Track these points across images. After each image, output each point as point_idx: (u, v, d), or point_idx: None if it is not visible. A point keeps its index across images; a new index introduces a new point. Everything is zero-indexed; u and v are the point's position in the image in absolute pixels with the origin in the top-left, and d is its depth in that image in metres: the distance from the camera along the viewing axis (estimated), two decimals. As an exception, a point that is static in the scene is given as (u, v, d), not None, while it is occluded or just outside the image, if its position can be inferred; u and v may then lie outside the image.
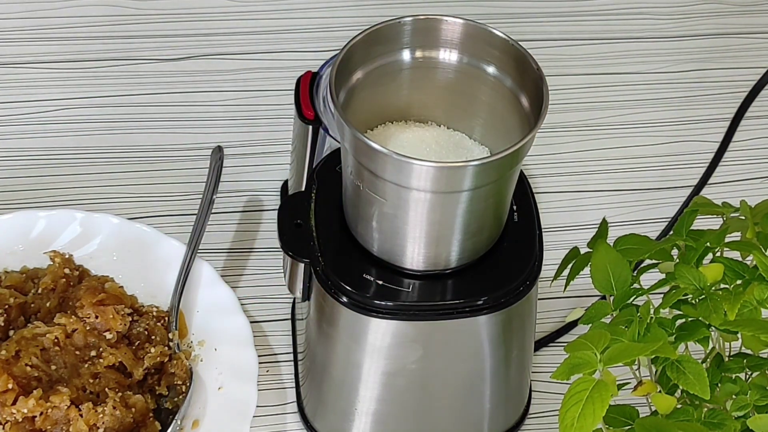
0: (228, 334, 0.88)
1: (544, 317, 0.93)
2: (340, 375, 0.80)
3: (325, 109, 0.88)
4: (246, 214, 0.99)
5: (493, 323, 0.76)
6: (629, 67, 1.13)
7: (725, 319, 0.67)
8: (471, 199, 0.69)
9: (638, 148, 1.06)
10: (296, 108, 0.88)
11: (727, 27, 1.18)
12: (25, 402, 0.79)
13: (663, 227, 1.00)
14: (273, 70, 1.10)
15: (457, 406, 0.82)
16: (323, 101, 0.88)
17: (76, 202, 0.98)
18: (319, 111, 0.88)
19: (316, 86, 0.89)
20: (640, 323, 0.67)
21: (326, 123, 0.87)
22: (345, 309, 0.75)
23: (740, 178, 1.05)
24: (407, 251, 0.73)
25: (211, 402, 0.85)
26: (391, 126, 0.77)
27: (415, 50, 0.74)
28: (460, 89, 0.75)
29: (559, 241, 0.97)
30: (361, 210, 0.73)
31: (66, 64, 1.08)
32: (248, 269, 0.95)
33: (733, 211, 0.74)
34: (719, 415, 0.67)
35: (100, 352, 0.84)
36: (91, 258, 0.91)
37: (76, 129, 1.04)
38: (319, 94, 0.89)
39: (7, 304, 0.85)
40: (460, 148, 0.76)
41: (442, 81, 0.75)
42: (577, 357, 0.64)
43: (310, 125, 0.87)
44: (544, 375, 0.90)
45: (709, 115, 1.10)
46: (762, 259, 0.68)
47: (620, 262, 0.72)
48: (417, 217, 0.70)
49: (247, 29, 1.13)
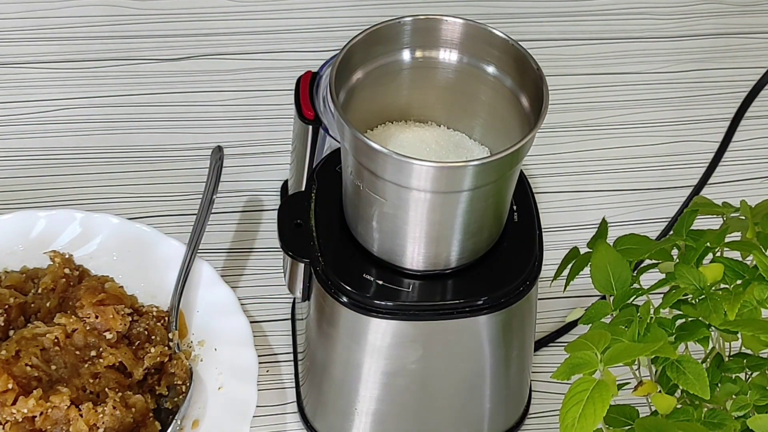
0: (228, 334, 0.88)
1: (544, 317, 0.93)
2: (340, 375, 0.80)
3: (325, 109, 0.88)
4: (246, 214, 0.99)
5: (493, 323, 0.76)
6: (629, 67, 1.13)
7: (725, 319, 0.67)
8: (471, 199, 0.69)
9: (638, 148, 1.06)
10: (296, 108, 0.88)
11: (727, 27, 1.18)
12: (25, 402, 0.79)
13: (663, 227, 1.00)
14: (273, 70, 1.10)
15: (458, 406, 0.82)
16: (323, 101, 0.88)
17: (76, 202, 0.98)
18: (319, 111, 0.87)
19: (316, 86, 0.89)
20: (640, 323, 0.67)
21: (326, 123, 0.87)
22: (345, 309, 0.75)
23: (740, 178, 1.05)
24: (407, 251, 0.73)
25: (211, 402, 0.85)
26: (391, 126, 0.77)
27: (415, 50, 0.74)
28: (460, 89, 0.75)
29: (559, 241, 0.97)
30: (361, 210, 0.73)
31: (66, 64, 1.08)
32: (248, 269, 0.95)
33: (733, 211, 0.74)
34: (719, 415, 0.67)
35: (100, 352, 0.84)
36: (91, 258, 0.91)
37: (76, 129, 1.04)
38: (319, 94, 0.88)
39: (7, 304, 0.85)
40: (460, 148, 0.76)
41: (442, 81, 0.75)
42: (578, 357, 0.64)
43: (310, 125, 0.87)
44: (544, 375, 0.90)
45: (709, 115, 1.10)
46: (762, 259, 0.68)
47: (620, 262, 0.72)
48: (417, 217, 0.70)
49: (247, 29, 1.13)
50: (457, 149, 0.76)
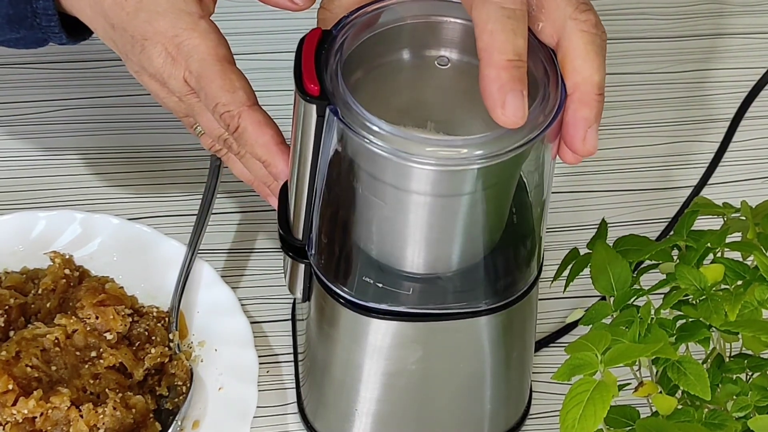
0: (228, 334, 0.88)
1: (544, 318, 0.93)
2: (341, 376, 0.80)
3: (338, 83, 0.67)
4: (246, 214, 0.99)
5: (493, 324, 0.76)
6: (629, 67, 1.13)
7: (726, 320, 0.67)
8: (472, 202, 0.69)
9: (638, 148, 1.06)
10: (295, 80, 0.67)
11: (727, 27, 1.18)
12: (25, 403, 0.79)
13: (663, 228, 1.00)
14: (273, 70, 1.09)
15: (458, 406, 0.82)
16: (336, 73, 0.67)
17: (76, 202, 0.98)
18: (327, 86, 0.66)
19: (327, 51, 0.68)
20: (641, 324, 0.67)
21: (338, 103, 0.66)
22: (345, 310, 0.75)
23: (741, 178, 1.05)
24: (407, 254, 0.73)
25: (211, 403, 0.85)
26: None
27: (415, 50, 0.74)
28: (461, 89, 0.75)
29: (559, 242, 0.97)
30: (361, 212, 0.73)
31: (66, 64, 1.08)
32: (248, 270, 0.95)
33: (733, 212, 0.74)
34: (720, 415, 0.67)
35: (100, 353, 0.84)
36: (92, 258, 0.91)
37: (76, 129, 1.04)
38: (329, 63, 0.68)
39: (7, 305, 0.85)
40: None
41: (443, 81, 0.75)
42: (578, 358, 0.64)
43: (315, 104, 0.66)
44: (544, 376, 0.90)
45: (710, 115, 1.10)
46: (763, 259, 0.68)
47: (620, 262, 0.72)
48: (416, 221, 0.70)
49: (248, 29, 1.13)
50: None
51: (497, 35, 0.64)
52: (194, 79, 0.75)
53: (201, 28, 0.76)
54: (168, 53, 0.75)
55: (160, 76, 0.76)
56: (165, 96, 0.79)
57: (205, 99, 0.75)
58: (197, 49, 0.75)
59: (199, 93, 0.76)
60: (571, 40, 0.68)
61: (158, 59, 0.76)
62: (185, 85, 0.76)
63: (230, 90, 0.74)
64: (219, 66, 0.75)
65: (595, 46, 0.68)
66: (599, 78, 0.68)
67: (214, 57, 0.75)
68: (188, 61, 0.75)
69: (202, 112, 0.78)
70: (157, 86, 0.78)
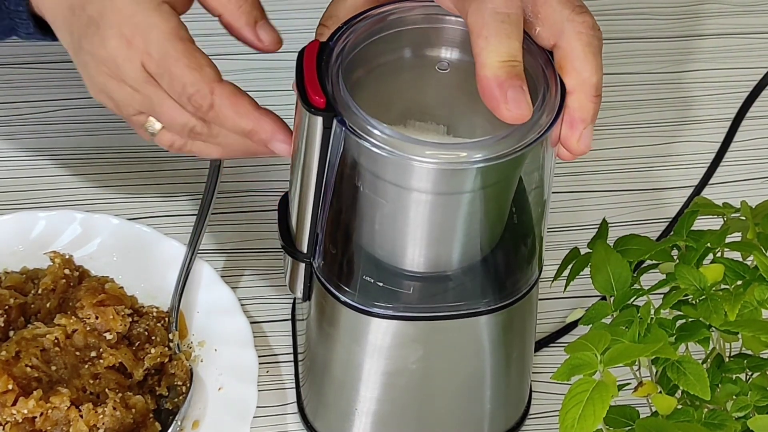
0: (228, 334, 0.88)
1: (544, 317, 0.93)
2: (341, 375, 0.80)
3: (340, 88, 0.67)
4: (246, 214, 0.99)
5: (493, 324, 0.76)
6: (629, 67, 1.13)
7: (726, 320, 0.67)
8: (473, 201, 0.69)
9: (638, 148, 1.06)
10: (299, 92, 0.67)
11: (727, 27, 1.18)
12: (25, 403, 0.79)
13: (663, 228, 1.00)
14: (273, 70, 1.09)
15: (458, 406, 0.82)
16: (338, 80, 0.67)
17: (76, 202, 0.98)
18: (330, 95, 0.66)
19: (326, 60, 0.68)
20: (641, 324, 0.67)
21: (342, 111, 0.66)
22: (346, 309, 0.75)
23: (741, 178, 1.05)
24: (408, 252, 0.73)
25: (211, 403, 0.85)
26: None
27: (415, 49, 0.74)
28: (462, 89, 0.75)
29: (560, 241, 0.97)
30: (363, 212, 0.73)
31: (66, 64, 1.08)
32: (248, 270, 0.95)
33: (733, 212, 0.74)
34: (720, 415, 0.67)
35: (100, 353, 0.84)
36: (91, 258, 0.91)
37: (76, 129, 1.04)
38: (330, 71, 0.68)
39: (7, 305, 0.85)
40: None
41: (444, 81, 0.75)
42: (578, 358, 0.64)
43: (321, 116, 0.66)
44: (544, 375, 0.90)
45: (710, 116, 1.10)
46: (762, 259, 0.68)
47: (620, 262, 0.72)
48: (418, 219, 0.70)
49: (247, 29, 1.13)
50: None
51: (492, 39, 0.64)
52: (155, 63, 0.71)
53: (162, 9, 0.72)
54: (123, 35, 0.71)
55: (113, 61, 0.72)
56: (115, 88, 0.74)
57: (170, 82, 0.71)
58: (157, 28, 0.71)
59: (161, 77, 0.72)
60: (570, 42, 0.68)
61: (111, 41, 0.71)
62: (142, 72, 0.72)
63: (197, 68, 0.71)
64: (182, 44, 0.71)
65: (592, 48, 0.68)
66: (597, 79, 0.68)
67: (175, 36, 0.72)
68: (147, 44, 0.71)
69: (163, 101, 0.73)
70: (106, 78, 0.73)
